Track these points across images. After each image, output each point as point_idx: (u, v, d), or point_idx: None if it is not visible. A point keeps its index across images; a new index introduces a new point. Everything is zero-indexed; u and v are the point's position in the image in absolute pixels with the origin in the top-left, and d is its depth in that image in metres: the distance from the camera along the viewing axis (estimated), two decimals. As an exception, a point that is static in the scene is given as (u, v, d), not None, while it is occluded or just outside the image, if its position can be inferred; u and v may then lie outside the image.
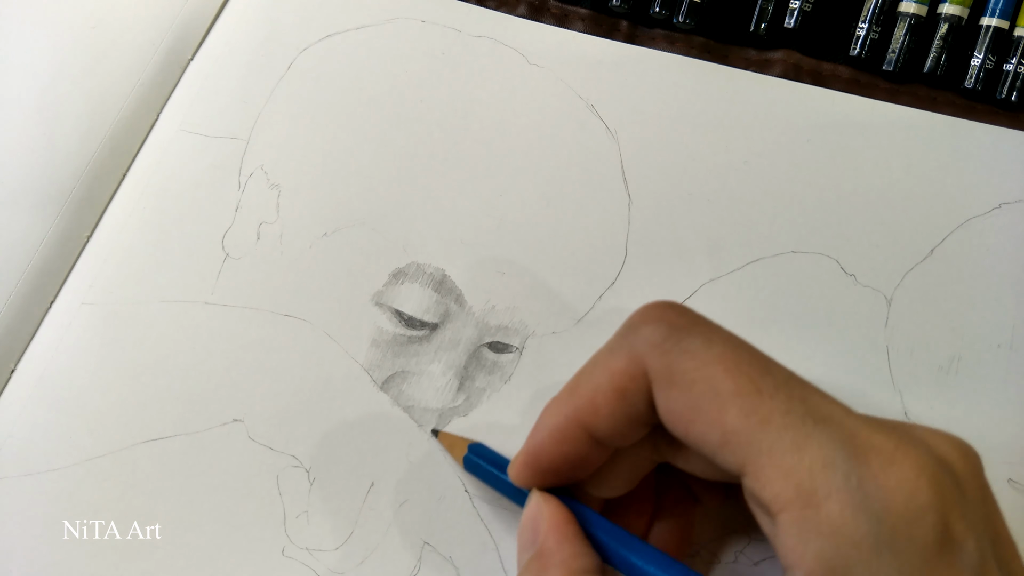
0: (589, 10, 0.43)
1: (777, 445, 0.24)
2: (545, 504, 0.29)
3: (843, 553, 0.22)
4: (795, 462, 0.23)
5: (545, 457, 0.29)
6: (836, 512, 0.22)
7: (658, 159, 0.40)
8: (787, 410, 0.24)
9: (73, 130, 0.40)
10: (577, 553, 0.28)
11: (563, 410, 0.28)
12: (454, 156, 0.40)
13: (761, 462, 0.24)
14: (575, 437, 0.28)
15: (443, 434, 0.36)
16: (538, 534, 0.28)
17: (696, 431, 0.25)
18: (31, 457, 0.35)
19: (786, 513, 0.23)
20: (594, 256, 0.38)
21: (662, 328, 0.26)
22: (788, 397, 0.24)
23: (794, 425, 0.24)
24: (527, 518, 0.29)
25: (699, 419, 0.25)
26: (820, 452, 0.23)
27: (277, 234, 0.38)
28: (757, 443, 0.24)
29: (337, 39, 0.41)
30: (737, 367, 0.25)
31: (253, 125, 0.40)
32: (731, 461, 0.25)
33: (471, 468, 0.34)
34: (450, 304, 0.37)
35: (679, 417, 0.26)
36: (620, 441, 0.28)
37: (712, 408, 0.25)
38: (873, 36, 0.42)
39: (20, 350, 0.37)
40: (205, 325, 0.37)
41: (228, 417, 0.36)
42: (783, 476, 0.23)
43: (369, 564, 0.34)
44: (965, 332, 0.37)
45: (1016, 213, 0.39)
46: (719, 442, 0.25)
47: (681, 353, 0.26)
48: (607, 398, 0.27)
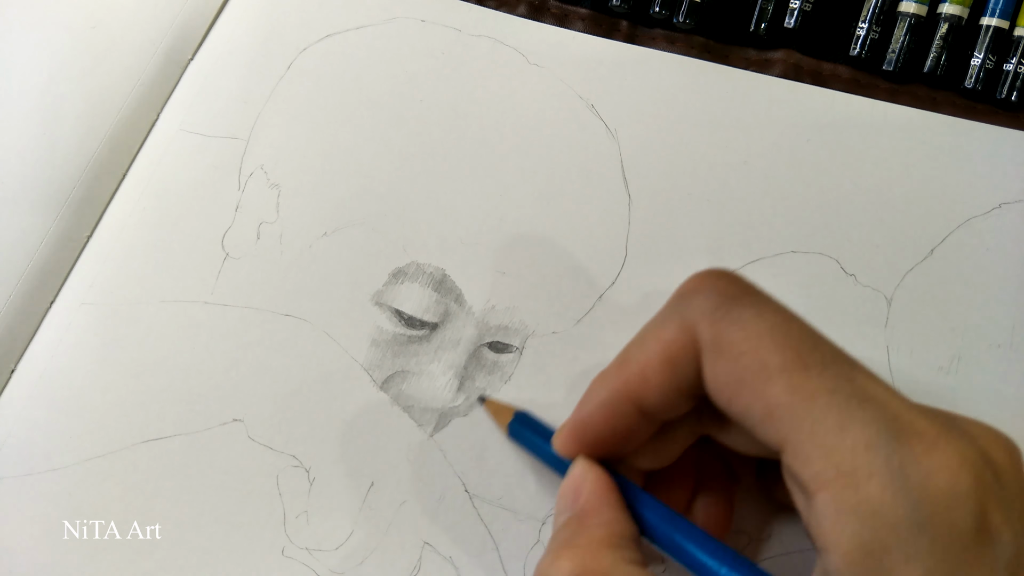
0: (589, 10, 0.43)
1: (820, 423, 0.23)
2: (590, 470, 0.29)
3: (880, 535, 0.22)
4: (837, 441, 0.23)
5: (592, 429, 0.29)
6: (876, 494, 0.22)
7: (658, 159, 0.40)
8: (833, 388, 0.24)
9: (73, 130, 0.40)
10: (617, 519, 0.27)
11: (612, 383, 0.28)
12: (454, 156, 0.40)
13: (802, 439, 0.23)
14: (623, 410, 0.28)
15: (490, 401, 0.36)
16: (580, 496, 0.28)
17: (741, 403, 0.25)
18: (31, 457, 0.35)
19: (825, 492, 0.23)
20: (594, 256, 0.38)
21: (713, 297, 0.26)
22: (835, 375, 0.24)
23: (838, 404, 0.23)
24: (569, 483, 0.29)
25: (744, 391, 0.25)
26: (863, 433, 0.23)
27: (277, 234, 0.38)
28: (800, 420, 0.24)
29: (337, 39, 0.41)
30: (786, 340, 0.25)
31: (253, 125, 0.40)
32: (773, 436, 0.24)
33: (516, 436, 0.34)
34: (450, 304, 0.37)
35: (725, 388, 0.25)
36: (668, 413, 0.28)
37: (758, 381, 0.24)
38: (873, 36, 0.42)
39: (20, 350, 0.37)
40: (205, 325, 0.37)
41: (228, 417, 0.36)
42: (824, 455, 0.23)
43: (369, 564, 0.34)
44: (965, 332, 0.37)
45: (1016, 213, 0.39)
46: (762, 416, 0.24)
47: (731, 323, 0.25)
48: (657, 369, 0.27)
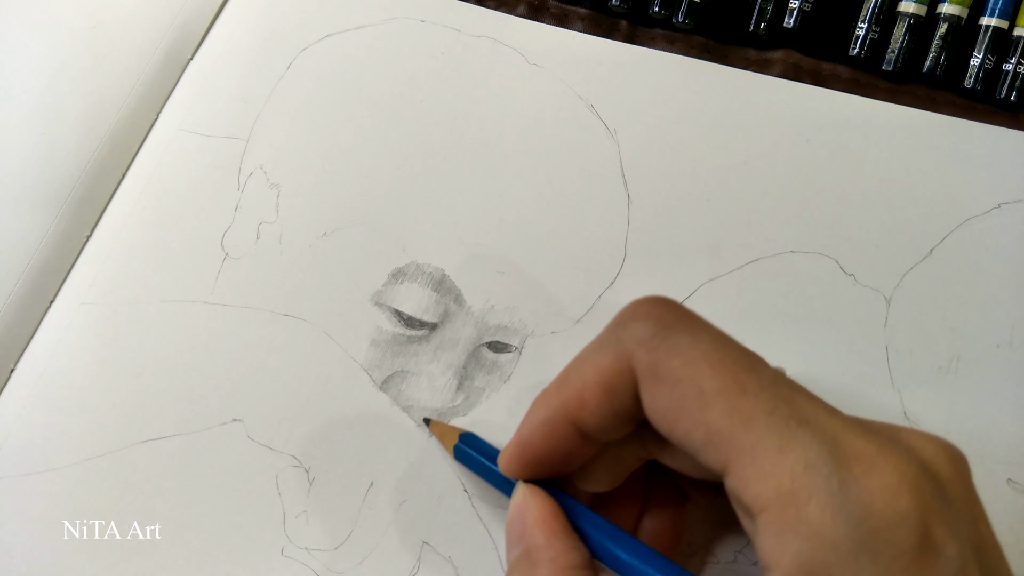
0: (589, 10, 0.43)
1: (759, 446, 0.23)
2: (532, 497, 0.29)
3: (821, 556, 0.22)
4: (777, 463, 0.23)
5: (533, 449, 0.29)
6: (816, 514, 0.22)
7: (658, 159, 0.40)
8: (771, 410, 0.24)
9: (73, 130, 0.40)
10: (566, 548, 0.27)
11: (551, 403, 0.28)
12: (454, 156, 0.40)
13: (743, 462, 0.24)
14: (562, 431, 0.28)
15: (434, 423, 0.36)
16: (525, 528, 0.28)
17: (680, 429, 0.25)
18: (31, 457, 0.35)
19: (766, 514, 0.23)
20: (593, 256, 0.38)
21: (650, 324, 0.26)
22: (773, 397, 0.24)
23: (777, 426, 0.24)
24: (514, 512, 0.29)
25: (683, 417, 0.25)
26: (803, 454, 0.23)
27: (277, 234, 0.38)
28: (739, 443, 0.24)
29: (337, 39, 0.41)
30: (723, 365, 0.25)
31: (253, 125, 0.40)
32: (714, 460, 0.24)
33: (461, 457, 0.34)
34: (449, 304, 0.37)
35: (664, 415, 0.26)
36: (607, 436, 0.28)
37: (696, 406, 0.25)
38: (873, 36, 0.42)
39: (20, 350, 0.37)
40: (204, 325, 0.37)
41: (227, 417, 0.36)
42: (764, 477, 0.23)
43: (368, 564, 0.34)
44: (965, 332, 0.37)
45: (1015, 213, 0.39)
46: (702, 441, 0.25)
47: (668, 350, 0.26)
48: (594, 393, 0.27)
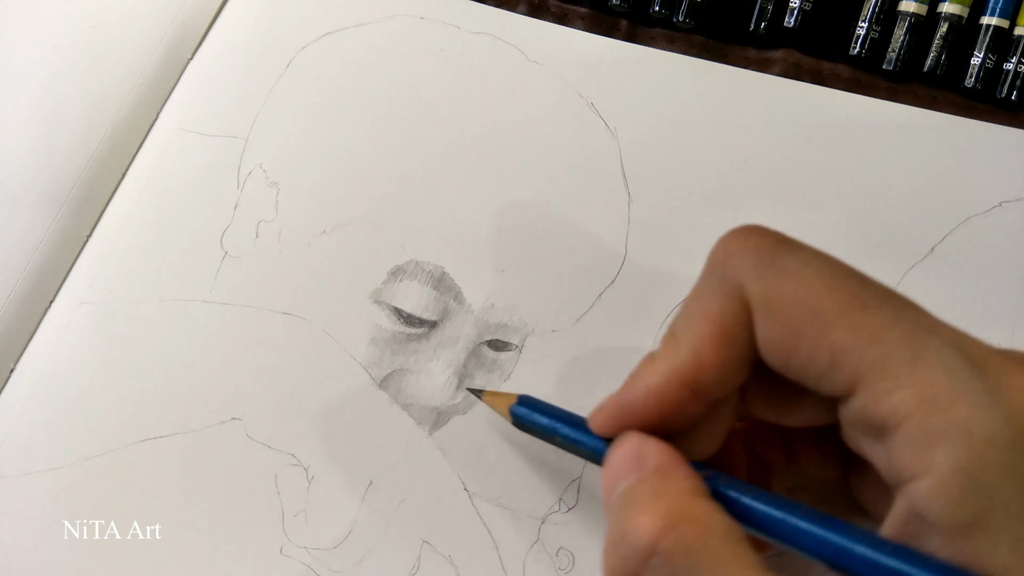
0: (589, 8, 0.43)
1: (892, 357, 0.23)
2: (647, 440, 0.26)
3: (977, 454, 0.21)
4: (913, 371, 0.22)
5: (639, 413, 0.27)
6: (964, 414, 0.22)
7: (658, 158, 0.40)
8: (895, 321, 0.23)
9: (73, 130, 0.40)
10: (694, 474, 0.25)
11: (662, 368, 0.26)
12: (453, 154, 0.40)
13: (875, 376, 0.23)
14: (676, 395, 0.26)
15: (486, 393, 0.34)
16: (645, 460, 0.26)
17: (801, 357, 0.24)
18: (31, 457, 0.35)
19: (908, 423, 0.22)
20: (594, 254, 0.38)
21: (750, 254, 0.25)
22: (893, 309, 0.24)
23: (906, 336, 0.23)
24: (624, 453, 0.26)
25: (803, 343, 0.24)
26: (938, 359, 0.22)
27: (276, 232, 0.38)
28: (870, 358, 0.23)
29: (336, 37, 0.41)
30: (836, 282, 0.24)
31: (252, 124, 0.40)
32: (840, 382, 0.24)
33: (522, 419, 0.32)
34: (449, 302, 0.37)
35: (781, 344, 0.24)
36: (725, 389, 0.26)
37: (817, 329, 0.24)
38: (873, 35, 0.42)
39: (19, 349, 0.37)
40: (204, 324, 0.37)
41: (227, 415, 0.36)
42: (902, 386, 0.22)
43: (368, 563, 0.34)
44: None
45: (1016, 212, 0.39)
46: (827, 363, 0.24)
47: (776, 275, 0.24)
48: (712, 347, 0.25)
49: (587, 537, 0.35)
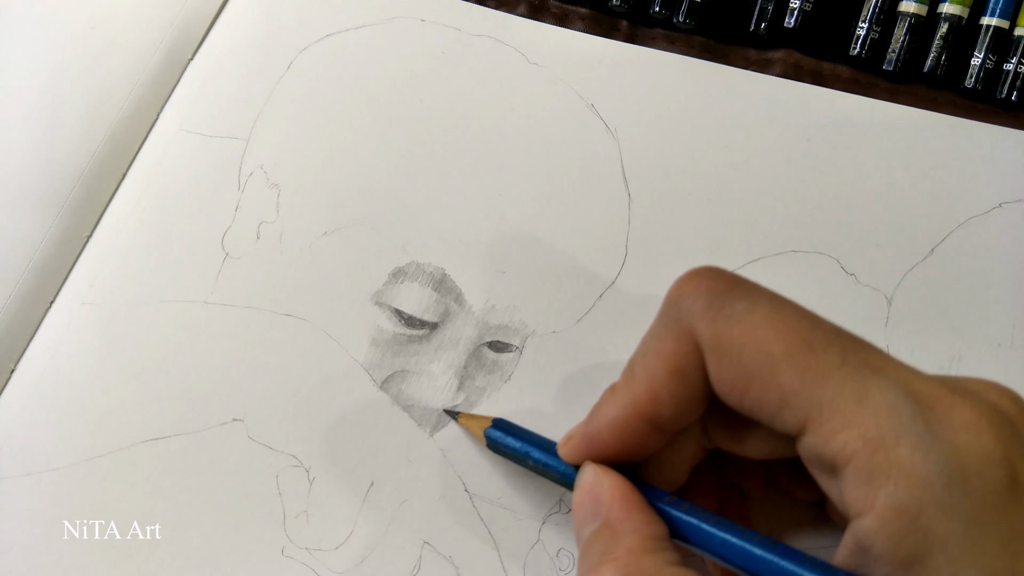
0: (589, 9, 0.43)
1: (838, 398, 0.23)
2: (605, 475, 0.28)
3: (915, 495, 0.22)
4: (858, 412, 0.23)
5: (602, 444, 0.28)
6: (906, 455, 0.22)
7: (658, 158, 0.40)
8: (842, 362, 0.24)
9: (73, 130, 0.40)
10: (647, 521, 0.27)
11: (621, 401, 0.28)
12: (454, 155, 0.40)
13: (823, 417, 0.23)
14: (634, 427, 0.27)
15: (463, 415, 0.35)
16: (601, 505, 0.27)
17: (752, 397, 0.25)
18: (31, 457, 0.35)
19: (854, 462, 0.23)
20: (594, 255, 0.38)
21: (702, 297, 0.26)
22: (841, 350, 0.24)
23: (852, 376, 0.23)
24: (584, 490, 0.28)
25: (754, 384, 0.25)
26: (883, 399, 0.23)
27: (277, 233, 0.38)
28: (817, 399, 0.23)
29: (337, 38, 0.41)
30: (784, 325, 0.25)
31: (253, 125, 0.40)
32: (791, 422, 0.24)
33: (495, 444, 0.33)
34: (450, 303, 0.37)
35: (733, 385, 0.25)
36: (681, 423, 0.28)
37: (766, 371, 0.24)
38: (873, 36, 0.42)
39: (20, 350, 0.37)
40: (205, 325, 0.37)
41: (228, 416, 0.36)
42: (847, 427, 0.23)
43: (369, 563, 0.34)
44: (965, 332, 0.37)
45: (1016, 213, 0.39)
46: (777, 405, 0.24)
47: (726, 319, 0.25)
48: (665, 383, 0.27)
49: (587, 538, 0.35)
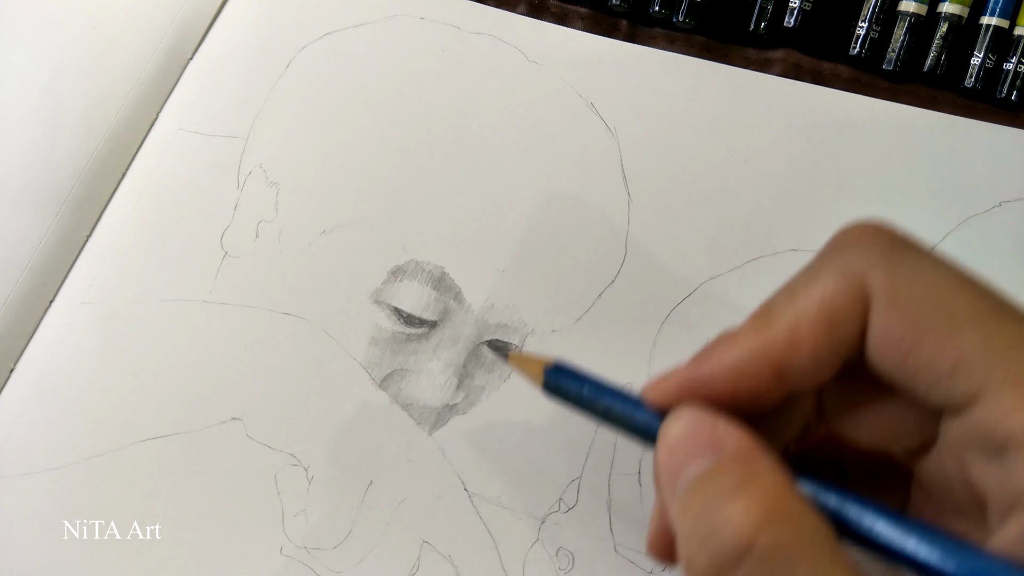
0: (589, 9, 0.43)
1: (1022, 374, 0.22)
2: (716, 417, 0.24)
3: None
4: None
5: (710, 389, 0.24)
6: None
7: (658, 158, 0.40)
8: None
9: (73, 130, 0.40)
10: (780, 466, 0.22)
11: (748, 343, 0.24)
12: (453, 154, 0.40)
13: (1003, 391, 0.22)
14: (759, 374, 0.24)
15: (513, 355, 0.31)
16: (713, 441, 0.23)
17: (921, 357, 0.23)
18: (31, 457, 0.35)
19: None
20: (594, 254, 0.38)
21: (880, 245, 0.24)
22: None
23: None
24: (689, 429, 0.24)
25: (927, 343, 0.23)
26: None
27: (276, 232, 0.38)
28: (999, 370, 0.22)
29: (336, 37, 0.41)
30: (972, 289, 0.23)
31: (252, 124, 0.40)
32: (961, 389, 0.22)
33: (557, 384, 0.28)
34: (449, 302, 0.37)
35: (900, 342, 0.23)
36: (811, 380, 0.24)
37: (944, 331, 0.22)
38: (873, 35, 0.42)
39: (19, 349, 0.37)
40: (204, 324, 0.37)
41: (227, 415, 0.36)
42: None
43: (368, 563, 0.34)
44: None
45: (1016, 211, 0.39)
46: (950, 367, 0.22)
47: (908, 271, 0.23)
48: (812, 327, 0.24)
49: (587, 537, 0.35)
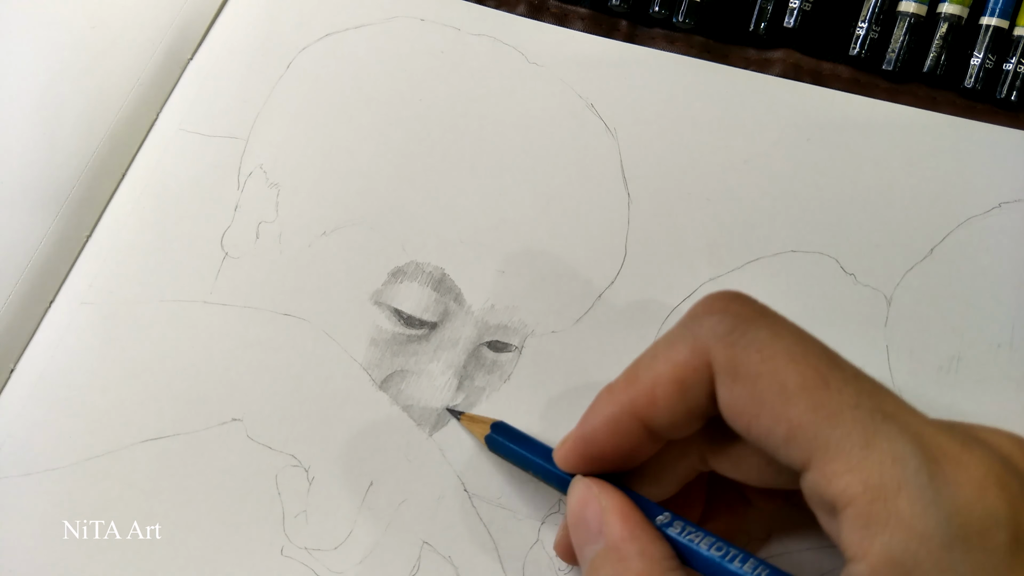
0: (589, 9, 0.43)
1: (846, 440, 0.23)
2: (601, 491, 0.28)
3: (912, 548, 0.22)
4: (864, 457, 0.23)
5: (596, 446, 0.28)
6: (906, 507, 0.22)
7: (658, 158, 0.40)
8: (856, 404, 0.24)
9: (73, 130, 0.40)
10: (652, 539, 0.27)
11: (619, 399, 0.28)
12: (453, 155, 0.40)
13: (828, 457, 0.23)
14: (629, 428, 0.27)
15: (465, 415, 0.35)
16: (600, 524, 0.27)
17: (760, 425, 0.25)
18: (31, 457, 0.35)
19: (853, 507, 0.23)
20: (594, 255, 0.38)
21: (728, 319, 0.26)
22: (857, 391, 0.24)
23: (863, 420, 0.23)
24: (580, 505, 0.28)
25: (764, 413, 0.25)
26: (890, 448, 0.23)
27: (276, 233, 0.38)
28: (825, 437, 0.23)
29: (336, 38, 0.41)
30: (804, 359, 0.25)
31: (252, 124, 0.40)
32: (796, 456, 0.24)
33: (495, 447, 0.34)
34: (449, 303, 0.37)
35: (742, 411, 0.25)
36: (675, 434, 0.28)
37: (778, 402, 0.24)
38: (873, 36, 0.42)
39: (19, 350, 0.37)
40: (204, 324, 0.37)
41: (227, 416, 0.36)
42: (851, 471, 0.23)
43: (368, 563, 0.34)
44: (965, 332, 0.37)
45: (1016, 212, 0.39)
46: (784, 436, 0.24)
47: (747, 345, 0.25)
48: (667, 389, 0.27)
49: (587, 538, 0.35)
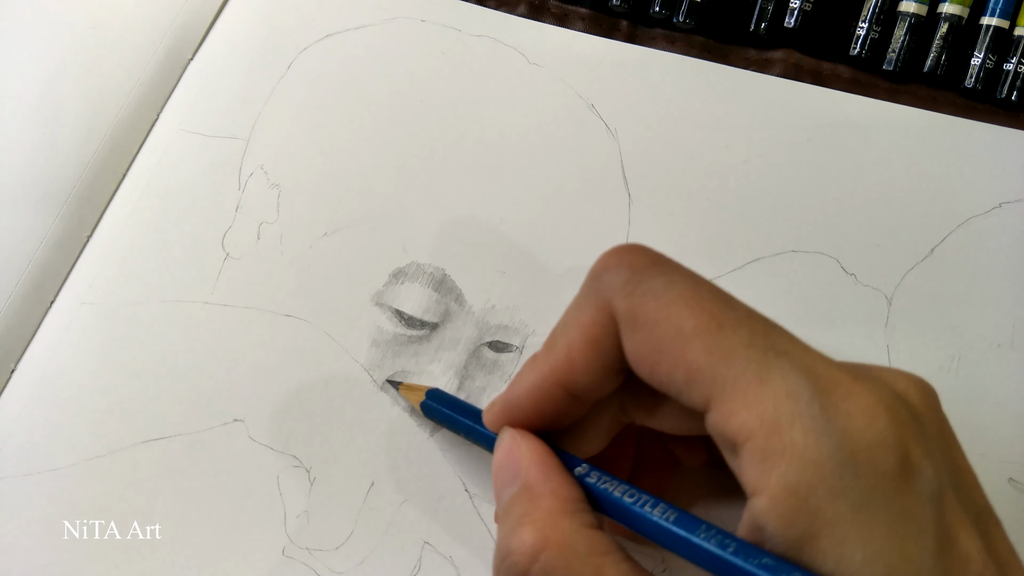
0: (589, 10, 0.43)
1: (740, 378, 0.24)
2: (523, 439, 0.29)
3: (806, 477, 0.22)
4: (758, 393, 0.23)
5: (521, 410, 0.29)
6: (799, 438, 0.23)
7: (658, 159, 0.40)
8: (749, 343, 0.24)
9: (73, 130, 0.40)
10: (564, 483, 0.27)
11: (540, 368, 0.28)
12: (454, 156, 0.40)
13: (725, 396, 0.24)
14: (552, 393, 0.28)
15: (403, 385, 0.36)
16: (520, 468, 0.28)
17: (662, 371, 0.25)
18: (31, 457, 0.35)
19: (751, 442, 0.23)
20: (594, 255, 0.38)
21: (623, 272, 0.27)
22: (750, 331, 0.25)
23: (756, 358, 0.24)
24: (503, 454, 0.29)
25: (663, 359, 0.25)
26: (783, 382, 0.23)
27: (277, 234, 0.38)
28: (721, 377, 0.24)
29: (337, 39, 0.41)
30: (699, 304, 0.25)
31: (253, 125, 0.40)
32: (697, 398, 0.25)
33: (429, 412, 0.34)
34: (450, 303, 0.37)
35: (644, 358, 0.26)
36: (597, 393, 0.28)
37: (675, 346, 0.25)
38: (873, 36, 0.42)
39: (20, 350, 0.37)
40: (205, 325, 0.37)
41: (228, 417, 0.36)
42: (747, 407, 0.23)
43: (369, 564, 0.34)
44: (965, 332, 0.37)
45: (1016, 213, 0.39)
46: (684, 380, 0.25)
47: (643, 294, 0.26)
48: (581, 352, 0.27)
49: (588, 538, 0.35)
